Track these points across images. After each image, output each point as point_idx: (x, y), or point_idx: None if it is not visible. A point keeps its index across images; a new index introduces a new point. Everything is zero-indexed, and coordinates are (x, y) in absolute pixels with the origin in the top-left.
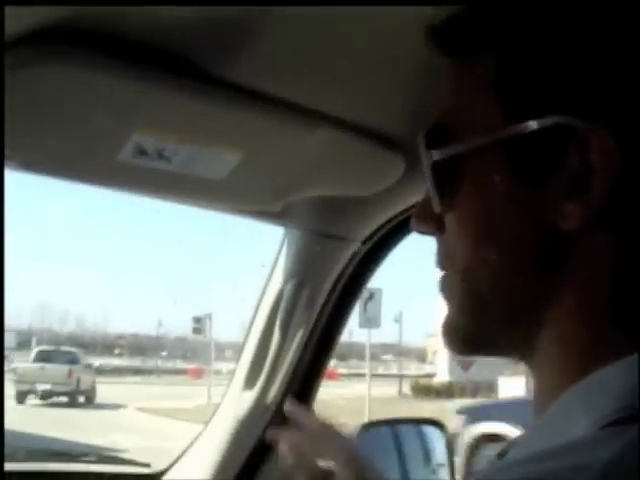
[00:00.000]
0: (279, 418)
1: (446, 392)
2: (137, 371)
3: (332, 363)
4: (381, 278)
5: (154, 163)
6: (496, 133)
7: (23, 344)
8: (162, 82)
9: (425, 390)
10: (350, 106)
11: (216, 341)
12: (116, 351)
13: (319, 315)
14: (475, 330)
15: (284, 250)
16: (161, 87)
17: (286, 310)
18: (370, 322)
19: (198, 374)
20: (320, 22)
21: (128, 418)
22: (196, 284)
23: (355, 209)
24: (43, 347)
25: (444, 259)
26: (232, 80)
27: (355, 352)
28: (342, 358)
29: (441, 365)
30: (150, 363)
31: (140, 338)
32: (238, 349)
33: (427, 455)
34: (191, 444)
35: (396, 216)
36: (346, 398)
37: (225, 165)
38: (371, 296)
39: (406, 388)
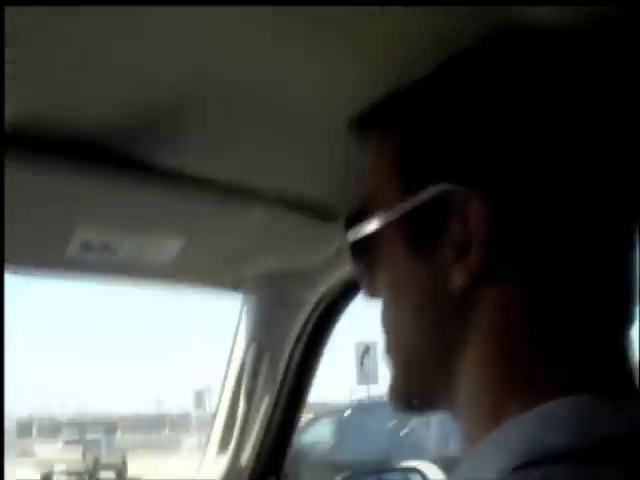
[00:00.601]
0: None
1: None
2: (143, 448)
3: None
4: (377, 331)
5: (100, 256)
6: (395, 209)
7: (23, 433)
8: (102, 176)
9: None
10: (287, 182)
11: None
12: (119, 432)
13: (284, 377)
14: (408, 390)
15: (244, 316)
16: (101, 182)
17: (250, 375)
18: (368, 378)
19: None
20: (248, 99)
21: None
22: (193, 359)
23: (305, 274)
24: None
25: (382, 322)
26: (166, 167)
27: None
28: None
29: None
30: (155, 440)
31: (141, 417)
32: None
33: None
34: None
35: (348, 275)
36: None
37: (169, 250)
38: (367, 350)
39: None
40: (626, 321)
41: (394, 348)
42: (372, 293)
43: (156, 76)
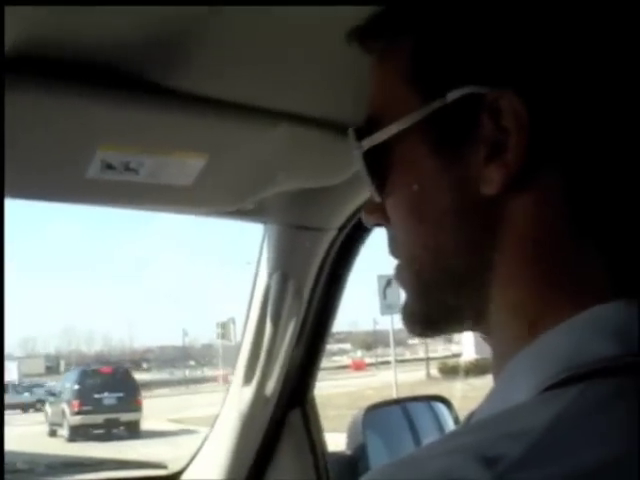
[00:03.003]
0: (280, 410)
1: (474, 370)
2: (166, 383)
3: (359, 354)
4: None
5: (122, 176)
6: (413, 115)
7: (52, 369)
8: (119, 98)
9: (453, 370)
10: (307, 100)
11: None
12: (144, 365)
13: (308, 305)
14: (428, 311)
15: (266, 245)
16: (118, 103)
17: (275, 303)
18: (391, 308)
19: (227, 380)
20: (265, 21)
21: (160, 430)
22: (216, 290)
23: (327, 198)
24: None
25: (393, 247)
26: (186, 89)
27: (381, 340)
28: (369, 347)
29: (467, 343)
30: (178, 374)
31: (167, 350)
32: None
33: (441, 430)
34: (202, 444)
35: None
36: (374, 387)
37: (191, 171)
38: (389, 283)
39: (434, 370)
40: None
41: (415, 269)
42: (386, 216)
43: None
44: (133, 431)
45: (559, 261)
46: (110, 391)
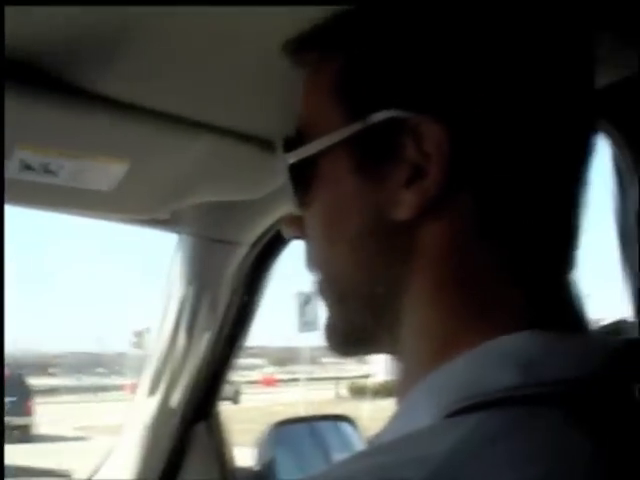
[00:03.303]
0: (185, 423)
1: (383, 391)
2: (73, 390)
3: (271, 369)
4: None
5: (41, 177)
6: (338, 132)
7: None
8: (40, 98)
9: (362, 391)
10: (230, 113)
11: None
12: (50, 370)
13: (223, 318)
14: (345, 330)
15: (180, 256)
16: (40, 103)
17: (189, 315)
18: (308, 325)
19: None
20: (190, 30)
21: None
22: (134, 298)
23: (243, 212)
24: None
25: (310, 262)
26: (110, 94)
27: (295, 357)
28: (282, 364)
29: (378, 364)
30: (87, 381)
31: (79, 355)
32: None
33: (347, 449)
34: (107, 455)
35: (283, 218)
36: (283, 404)
37: (111, 176)
38: (307, 300)
39: (344, 390)
40: (572, 261)
41: (329, 287)
42: (302, 229)
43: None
44: (24, 435)
45: (471, 288)
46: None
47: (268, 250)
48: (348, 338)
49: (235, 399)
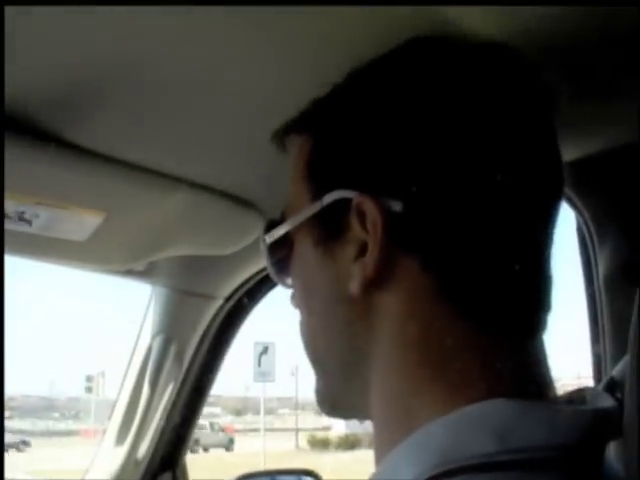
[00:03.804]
0: (151, 473)
1: (343, 445)
2: (28, 434)
3: (228, 419)
4: (276, 332)
5: (15, 225)
6: (304, 211)
7: None
8: (17, 146)
9: (322, 443)
10: (207, 170)
11: (111, 399)
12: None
13: (188, 370)
14: (329, 393)
15: (152, 307)
16: (17, 151)
17: (155, 365)
18: (264, 376)
19: (91, 434)
20: (170, 84)
21: None
22: (89, 342)
23: (217, 267)
24: None
25: (299, 330)
26: (88, 145)
27: (251, 407)
28: (238, 413)
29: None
30: (41, 425)
31: (32, 399)
32: None
33: None
34: None
35: (258, 272)
36: (241, 454)
37: (86, 227)
38: (265, 350)
39: (303, 442)
40: (540, 326)
41: (310, 354)
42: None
43: (77, 54)
44: None
45: (432, 354)
46: None
47: (241, 304)
48: (331, 402)
49: (228, 447)
